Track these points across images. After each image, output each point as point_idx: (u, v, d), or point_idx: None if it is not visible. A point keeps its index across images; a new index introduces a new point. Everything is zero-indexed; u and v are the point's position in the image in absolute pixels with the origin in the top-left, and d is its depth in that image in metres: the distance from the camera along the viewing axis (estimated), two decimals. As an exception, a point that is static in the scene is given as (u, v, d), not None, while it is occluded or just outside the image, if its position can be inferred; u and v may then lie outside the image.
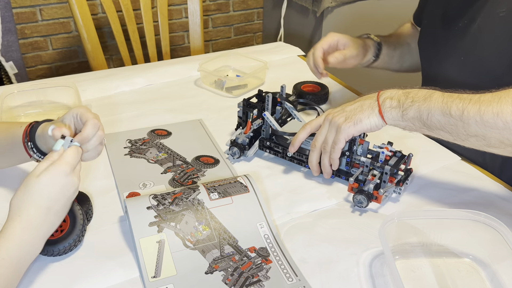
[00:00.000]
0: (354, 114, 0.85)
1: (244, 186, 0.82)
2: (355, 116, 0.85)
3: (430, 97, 0.78)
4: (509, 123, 0.71)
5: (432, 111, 0.77)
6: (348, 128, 0.84)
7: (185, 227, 0.76)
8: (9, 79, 2.15)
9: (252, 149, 1.00)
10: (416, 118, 0.79)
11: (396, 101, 0.82)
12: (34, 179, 0.66)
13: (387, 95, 0.84)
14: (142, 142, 1.04)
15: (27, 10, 2.16)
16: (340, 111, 0.88)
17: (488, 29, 0.91)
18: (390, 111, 0.82)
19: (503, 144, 0.74)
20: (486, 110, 0.72)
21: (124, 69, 1.42)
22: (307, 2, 2.17)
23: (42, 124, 0.78)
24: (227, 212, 0.79)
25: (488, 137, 0.74)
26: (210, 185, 0.82)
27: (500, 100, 0.72)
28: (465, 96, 0.76)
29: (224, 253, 0.75)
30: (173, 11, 2.45)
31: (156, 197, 0.79)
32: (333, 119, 0.87)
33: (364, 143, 0.89)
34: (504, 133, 0.72)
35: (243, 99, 1.02)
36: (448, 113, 0.75)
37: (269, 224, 0.79)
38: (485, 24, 0.91)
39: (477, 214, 0.74)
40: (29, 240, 0.65)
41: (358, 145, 0.89)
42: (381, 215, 0.85)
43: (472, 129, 0.74)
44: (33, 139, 0.77)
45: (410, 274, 0.73)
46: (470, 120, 0.74)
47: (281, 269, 0.73)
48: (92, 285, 0.70)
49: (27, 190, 0.66)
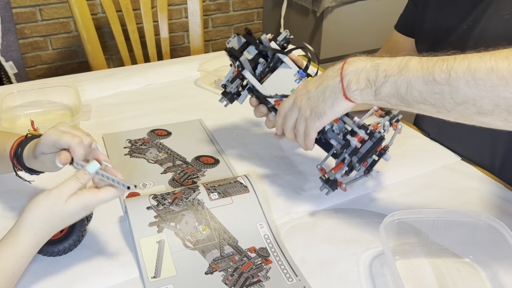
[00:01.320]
0: (317, 106, 0.77)
1: (244, 186, 0.82)
2: (318, 108, 0.77)
3: (407, 66, 0.68)
4: (506, 77, 0.61)
5: (411, 82, 0.67)
6: (315, 124, 0.78)
7: (185, 227, 0.76)
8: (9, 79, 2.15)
9: (241, 97, 0.95)
10: (392, 94, 0.69)
11: (363, 81, 0.71)
12: (61, 204, 0.63)
13: (352, 72, 0.73)
14: (142, 142, 1.04)
15: (27, 10, 2.16)
16: (305, 95, 0.79)
17: (492, 31, 0.90)
18: (359, 94, 0.72)
19: (498, 108, 0.63)
20: (478, 66, 0.62)
21: (124, 69, 1.42)
22: (307, 2, 2.17)
23: (27, 147, 0.75)
24: (227, 212, 0.78)
25: (480, 101, 0.63)
26: (210, 185, 0.82)
27: (494, 56, 0.63)
28: (448, 57, 0.66)
29: (224, 253, 0.75)
30: (173, 11, 2.44)
31: (156, 197, 0.78)
32: (301, 108, 0.80)
33: (339, 123, 0.82)
34: (500, 90, 0.61)
35: (225, 49, 0.95)
36: (432, 79, 0.65)
37: (269, 224, 0.79)
38: (489, 26, 0.90)
39: (477, 214, 0.74)
40: (33, 255, 0.65)
41: (333, 124, 0.82)
42: (381, 215, 0.84)
43: (460, 94, 0.64)
44: (22, 164, 0.75)
45: (410, 274, 0.73)
46: (459, 82, 0.63)
47: (281, 269, 0.73)
48: (92, 285, 0.70)
49: (51, 212, 0.63)
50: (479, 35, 0.92)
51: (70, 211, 0.64)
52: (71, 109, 1.15)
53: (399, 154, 0.99)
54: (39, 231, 0.63)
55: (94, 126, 1.11)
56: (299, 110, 0.80)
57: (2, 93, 1.10)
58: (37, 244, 0.64)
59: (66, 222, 0.66)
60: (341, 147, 0.81)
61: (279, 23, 2.42)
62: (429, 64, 0.66)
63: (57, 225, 0.65)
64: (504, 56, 0.62)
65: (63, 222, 0.65)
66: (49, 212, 0.63)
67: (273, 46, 0.93)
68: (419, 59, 0.68)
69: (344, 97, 0.74)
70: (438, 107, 0.67)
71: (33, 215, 0.63)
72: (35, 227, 0.63)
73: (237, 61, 0.92)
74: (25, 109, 1.13)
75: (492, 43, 0.72)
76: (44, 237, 0.65)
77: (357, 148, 0.79)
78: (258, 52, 0.92)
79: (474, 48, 0.83)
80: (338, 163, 0.82)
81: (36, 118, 1.13)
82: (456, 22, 0.97)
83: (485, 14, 0.91)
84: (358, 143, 0.79)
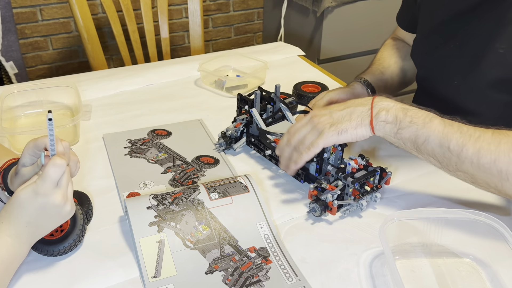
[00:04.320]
0: (341, 122, 0.79)
1: (244, 186, 0.82)
2: (341, 124, 0.79)
3: (431, 123, 0.75)
4: (503, 172, 0.70)
5: (430, 138, 0.75)
6: (331, 136, 0.79)
7: (185, 227, 0.76)
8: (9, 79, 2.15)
9: (238, 143, 1.01)
10: (410, 140, 0.76)
11: (392, 116, 0.77)
12: (18, 192, 0.66)
13: (383, 105, 0.78)
14: (142, 142, 1.04)
15: (27, 10, 2.16)
16: (327, 115, 0.82)
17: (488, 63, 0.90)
18: (384, 125, 0.77)
19: (489, 186, 0.74)
20: (484, 154, 0.71)
21: (124, 69, 1.42)
22: (307, 2, 2.17)
23: (10, 172, 0.75)
24: (227, 212, 0.78)
25: (476, 177, 0.74)
26: (210, 185, 0.82)
27: (500, 146, 0.71)
28: (465, 130, 0.74)
29: (224, 253, 0.75)
30: (173, 11, 2.44)
31: (156, 197, 0.78)
32: (318, 123, 0.81)
33: (336, 152, 0.85)
34: (494, 179, 0.72)
35: (237, 93, 1.04)
36: (447, 146, 0.73)
37: (269, 224, 0.79)
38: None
39: (477, 214, 0.74)
40: (14, 245, 0.66)
41: (331, 154, 0.86)
42: (381, 215, 0.85)
43: (464, 167, 0.74)
44: (9, 190, 0.75)
45: (410, 274, 0.73)
46: (466, 159, 0.73)
47: (281, 269, 0.73)
48: (92, 285, 0.70)
49: (11, 201, 0.66)
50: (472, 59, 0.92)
51: (23, 197, 0.65)
52: (71, 109, 1.15)
53: (399, 154, 0.99)
54: (5, 219, 0.66)
55: (94, 126, 1.11)
56: (316, 125, 0.82)
57: (3, 93, 1.10)
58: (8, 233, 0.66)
59: (25, 210, 0.65)
60: (337, 171, 0.83)
61: (279, 23, 2.42)
62: (449, 131, 0.74)
63: (16, 213, 0.66)
64: (507, 149, 0.71)
65: (22, 210, 0.65)
66: (10, 200, 0.66)
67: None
68: (441, 120, 0.76)
69: (369, 124, 0.78)
70: (443, 165, 0.76)
71: (5, 205, 0.67)
72: (1, 216, 0.66)
73: (246, 104, 1.02)
74: (25, 109, 1.13)
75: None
76: (11, 225, 0.66)
77: (353, 171, 0.83)
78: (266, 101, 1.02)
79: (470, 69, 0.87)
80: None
81: (37, 118, 1.13)
82: (447, 38, 0.98)
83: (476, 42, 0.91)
84: (355, 165, 0.83)
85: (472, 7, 0.91)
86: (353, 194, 0.83)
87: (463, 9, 0.93)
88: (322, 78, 1.36)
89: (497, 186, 0.73)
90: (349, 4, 2.14)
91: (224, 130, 1.02)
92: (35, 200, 0.65)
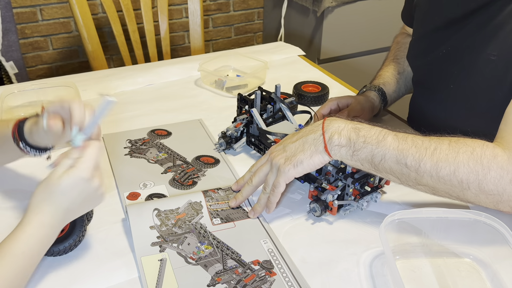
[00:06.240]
0: (294, 155, 0.78)
1: (247, 212, 0.84)
2: (295, 157, 0.78)
3: (384, 140, 0.74)
4: (463, 182, 0.71)
5: (386, 157, 0.74)
6: (288, 172, 0.78)
7: (187, 247, 0.76)
8: (9, 79, 2.15)
9: (238, 143, 1.01)
10: (367, 160, 0.75)
11: (345, 139, 0.76)
12: (55, 181, 0.65)
13: (333, 128, 0.77)
14: (142, 142, 1.04)
15: (28, 10, 2.16)
16: (281, 150, 0.81)
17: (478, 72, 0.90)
18: (339, 149, 0.76)
19: (450, 196, 0.75)
20: (443, 166, 0.71)
21: (124, 69, 1.42)
22: (308, 2, 2.17)
23: (27, 123, 0.77)
24: (230, 234, 0.79)
25: (437, 189, 0.74)
26: (213, 208, 0.82)
27: (458, 156, 0.71)
28: (420, 143, 0.73)
29: (227, 266, 0.74)
30: (173, 11, 2.44)
31: (159, 215, 0.79)
32: (273, 160, 0.80)
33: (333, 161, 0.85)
34: (455, 190, 0.73)
35: (238, 93, 1.04)
36: (404, 163, 0.73)
37: (273, 240, 0.79)
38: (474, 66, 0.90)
39: (477, 214, 0.74)
40: (46, 235, 0.66)
41: None
42: (381, 215, 0.85)
43: (423, 181, 0.74)
44: (23, 138, 0.76)
45: (410, 274, 0.73)
46: (425, 174, 0.72)
47: (285, 282, 0.71)
48: (92, 285, 0.70)
49: (48, 190, 0.66)
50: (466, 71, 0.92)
51: (66, 183, 0.65)
52: (71, 109, 1.15)
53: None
54: (40, 210, 0.65)
55: (95, 126, 1.11)
56: (272, 162, 0.81)
57: (3, 93, 1.10)
58: (41, 224, 0.65)
59: (67, 196, 0.66)
60: (337, 171, 0.83)
61: (279, 23, 2.42)
62: (404, 146, 0.74)
63: (57, 201, 0.65)
64: (466, 159, 0.71)
65: (64, 198, 0.66)
66: (45, 189, 0.66)
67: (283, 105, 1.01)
68: (395, 136, 0.75)
69: (324, 150, 0.77)
70: (402, 181, 0.76)
71: (34, 198, 0.66)
72: (36, 207, 0.65)
73: (246, 104, 1.02)
74: (25, 109, 1.13)
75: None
76: (48, 217, 0.65)
77: (353, 171, 0.82)
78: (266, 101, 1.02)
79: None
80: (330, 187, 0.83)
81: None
82: (438, 43, 0.98)
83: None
84: None
85: (464, 15, 0.91)
86: (353, 194, 0.83)
87: (455, 16, 0.93)
88: (322, 78, 1.36)
89: (458, 195, 0.73)
90: (349, 4, 2.14)
91: (224, 130, 1.02)
92: (78, 186, 0.66)
